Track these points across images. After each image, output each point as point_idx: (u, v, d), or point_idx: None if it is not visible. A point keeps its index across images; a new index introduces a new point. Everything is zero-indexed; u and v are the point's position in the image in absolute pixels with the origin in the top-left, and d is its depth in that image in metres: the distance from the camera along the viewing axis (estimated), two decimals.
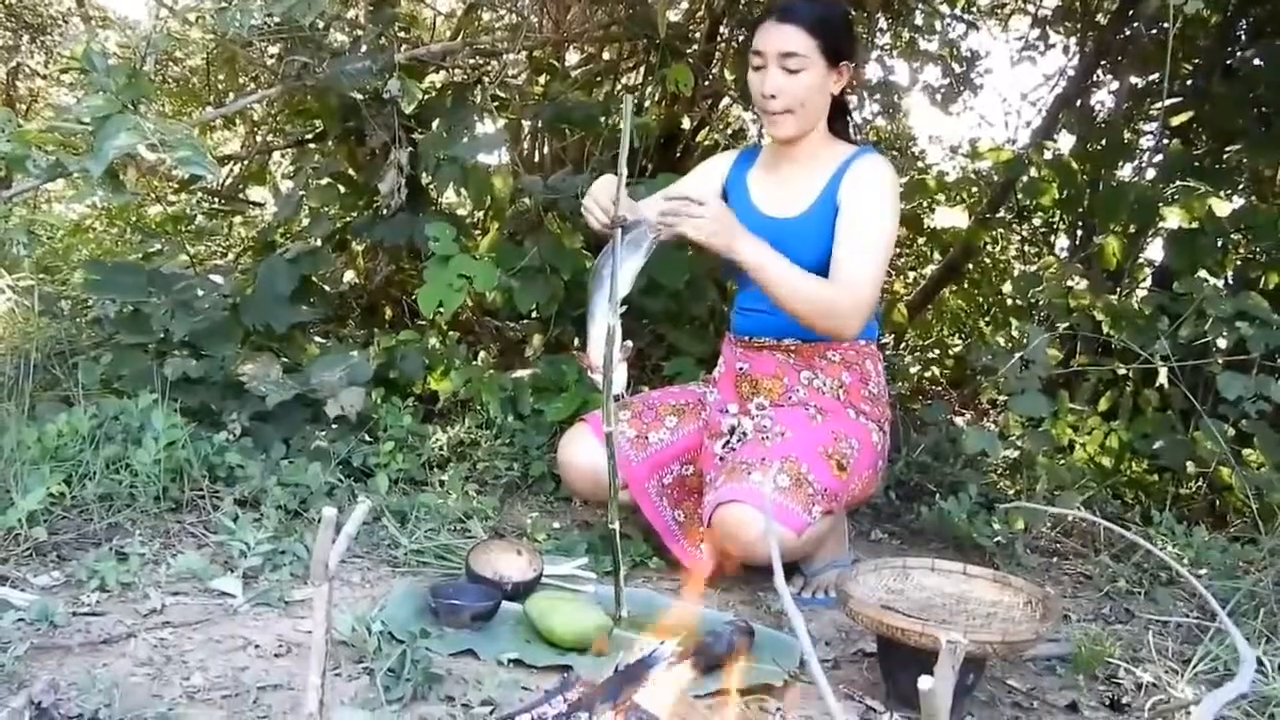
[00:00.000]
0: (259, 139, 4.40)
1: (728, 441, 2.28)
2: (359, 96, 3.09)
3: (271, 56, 3.58)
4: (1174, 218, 3.39)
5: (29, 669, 1.57)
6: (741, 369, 2.33)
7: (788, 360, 2.27)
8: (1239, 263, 3.57)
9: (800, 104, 2.14)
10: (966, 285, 5.03)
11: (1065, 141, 4.48)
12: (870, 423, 2.25)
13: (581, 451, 2.26)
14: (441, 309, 2.82)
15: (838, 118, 2.26)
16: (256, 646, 1.74)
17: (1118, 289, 3.87)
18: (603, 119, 3.52)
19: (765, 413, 2.25)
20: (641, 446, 2.29)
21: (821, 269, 2.11)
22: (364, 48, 3.02)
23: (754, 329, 2.31)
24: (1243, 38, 4.07)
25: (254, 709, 1.53)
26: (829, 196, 2.18)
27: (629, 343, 1.94)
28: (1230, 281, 3.45)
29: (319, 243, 3.50)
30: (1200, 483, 3.13)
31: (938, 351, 4.99)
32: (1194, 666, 1.94)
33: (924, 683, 1.08)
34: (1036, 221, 4.90)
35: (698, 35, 4.11)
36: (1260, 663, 1.86)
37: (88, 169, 2.08)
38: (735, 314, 2.39)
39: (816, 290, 2.05)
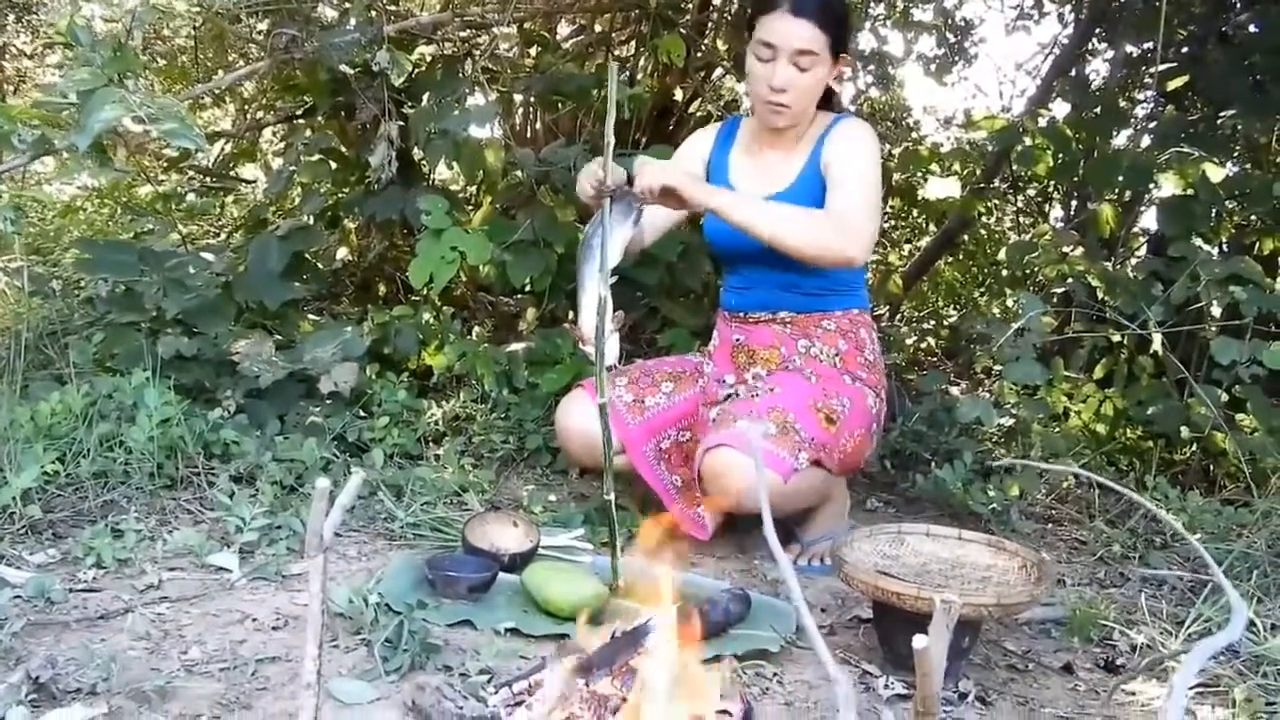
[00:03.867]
0: (249, 116, 4.38)
1: (725, 399, 2.30)
2: (348, 70, 3.07)
3: (259, 32, 3.56)
4: (1168, 184, 3.38)
5: (26, 645, 1.57)
6: (738, 340, 2.34)
7: (784, 331, 2.28)
8: (1233, 229, 3.57)
9: (804, 99, 2.16)
10: (961, 256, 5.03)
11: (1060, 110, 4.47)
12: (866, 388, 2.26)
13: (578, 416, 2.25)
14: (432, 282, 2.81)
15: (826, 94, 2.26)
16: (254, 620, 1.74)
17: (1112, 257, 3.86)
18: (595, 91, 3.50)
19: (761, 379, 2.27)
20: (638, 411, 2.29)
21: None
22: (352, 20, 3.00)
23: (747, 305, 2.32)
24: (1238, 4, 4.05)
25: (252, 681, 1.53)
26: (813, 166, 2.20)
27: (620, 313, 1.93)
28: (1224, 248, 3.45)
29: (311, 219, 3.48)
30: (1194, 448, 3.14)
31: (933, 322, 4.99)
32: (1188, 627, 1.95)
33: (918, 641, 1.08)
34: (1031, 191, 4.90)
35: (690, 6, 4.08)
36: (1253, 623, 1.88)
37: (75, 144, 2.07)
38: (726, 293, 2.40)
39: (804, 215, 2.07)
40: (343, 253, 3.96)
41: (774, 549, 1.27)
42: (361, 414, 2.69)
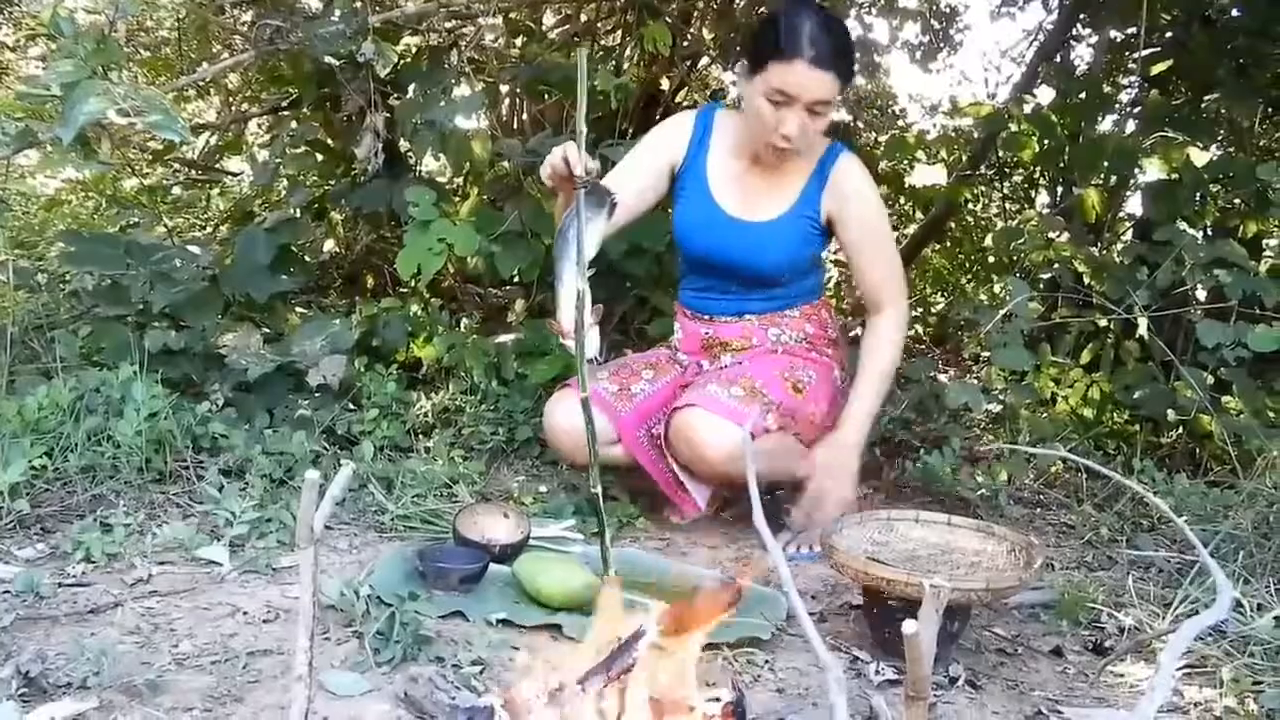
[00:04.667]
0: (234, 108, 4.35)
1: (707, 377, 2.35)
2: (333, 61, 3.05)
3: (244, 23, 3.54)
4: (1153, 169, 3.40)
5: (16, 640, 1.57)
6: (707, 334, 2.38)
7: (753, 324, 2.34)
8: (1217, 212, 3.59)
9: (813, 141, 2.18)
10: (949, 243, 5.04)
11: (1045, 96, 4.47)
12: (832, 362, 2.35)
13: (564, 415, 2.26)
14: (419, 273, 2.80)
15: None
16: (244, 613, 1.74)
17: (1098, 242, 3.88)
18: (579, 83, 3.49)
19: (736, 362, 2.34)
20: (626, 398, 2.30)
21: (789, 265, 2.25)
22: (337, 11, 2.98)
23: (712, 310, 2.37)
24: None
25: (243, 674, 1.53)
26: (808, 202, 2.22)
27: (599, 306, 1.92)
28: (1209, 232, 3.47)
29: (297, 211, 3.47)
30: (1180, 431, 3.16)
31: (921, 309, 5.00)
32: (1175, 609, 1.96)
33: (908, 626, 1.09)
34: (1017, 177, 4.90)
35: None
36: (1239, 603, 1.89)
37: (59, 137, 2.05)
38: (689, 293, 2.42)
39: (891, 360, 2.25)
40: (330, 245, 3.95)
41: (764, 536, 1.28)
42: (350, 406, 2.69)
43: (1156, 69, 3.93)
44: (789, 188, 2.24)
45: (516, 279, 3.41)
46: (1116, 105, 4.23)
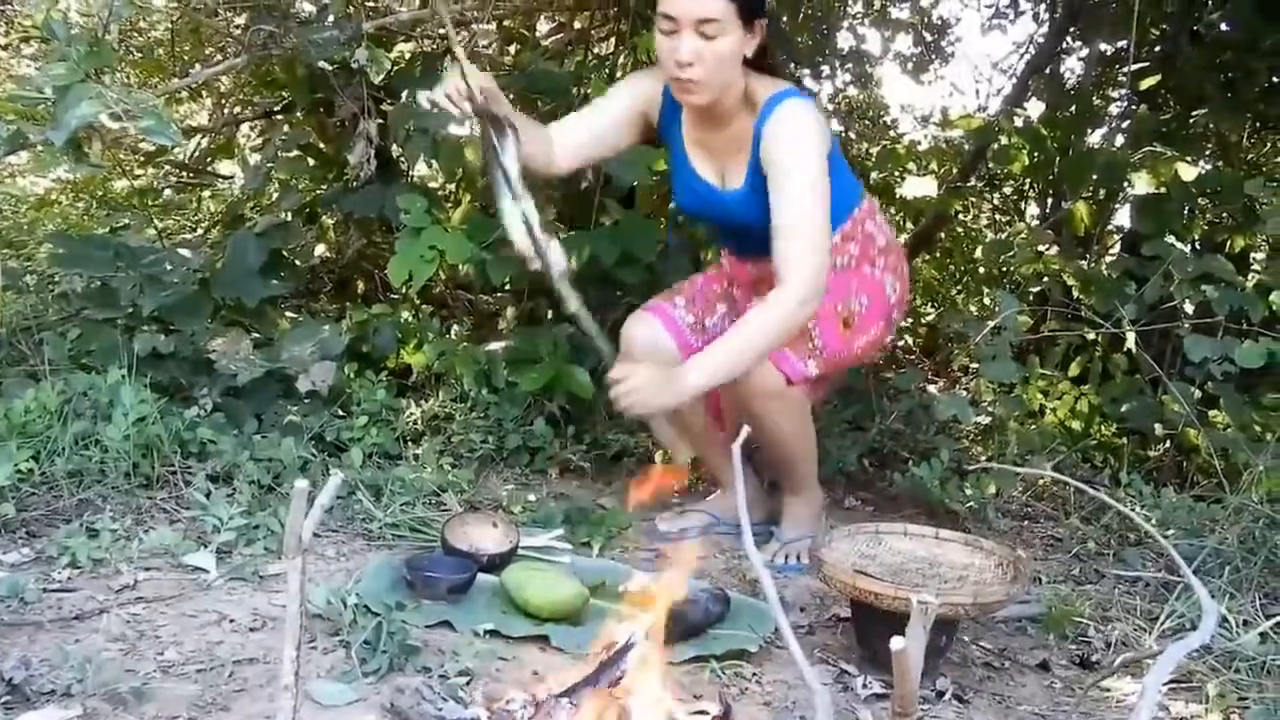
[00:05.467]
0: (226, 111, 4.34)
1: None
2: (327, 67, 3.05)
3: (237, 26, 3.53)
4: (1141, 182, 3.42)
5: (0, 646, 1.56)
6: (753, 273, 2.34)
7: None
8: (1205, 227, 3.61)
9: (716, 72, 2.02)
10: (939, 254, 5.05)
11: (1035, 109, 4.50)
12: (886, 274, 2.29)
13: (643, 337, 2.31)
14: (411, 280, 2.80)
15: (759, 56, 2.10)
16: (231, 621, 1.73)
17: (1087, 255, 3.90)
18: (574, 89, 3.49)
19: None
20: (700, 331, 2.34)
21: (754, 214, 2.13)
22: (331, 17, 2.98)
23: (748, 254, 2.32)
24: (1209, 3, 4.09)
25: (229, 683, 1.53)
26: (756, 162, 2.12)
27: (548, 218, 1.95)
28: (1197, 246, 3.49)
29: (288, 216, 3.46)
30: (1167, 444, 3.18)
31: (910, 320, 5.01)
32: (1161, 624, 1.97)
33: (896, 643, 1.09)
34: (1007, 190, 4.93)
35: None
36: (1225, 619, 1.90)
37: (50, 139, 2.05)
38: (720, 239, 2.47)
39: (770, 326, 2.03)
40: (321, 250, 3.93)
41: (750, 552, 1.28)
42: (340, 413, 2.68)
43: (1146, 83, 3.96)
44: (743, 151, 2.13)
45: (507, 286, 3.40)
46: (1106, 119, 4.26)
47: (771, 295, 2.04)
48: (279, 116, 3.81)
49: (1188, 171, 3.38)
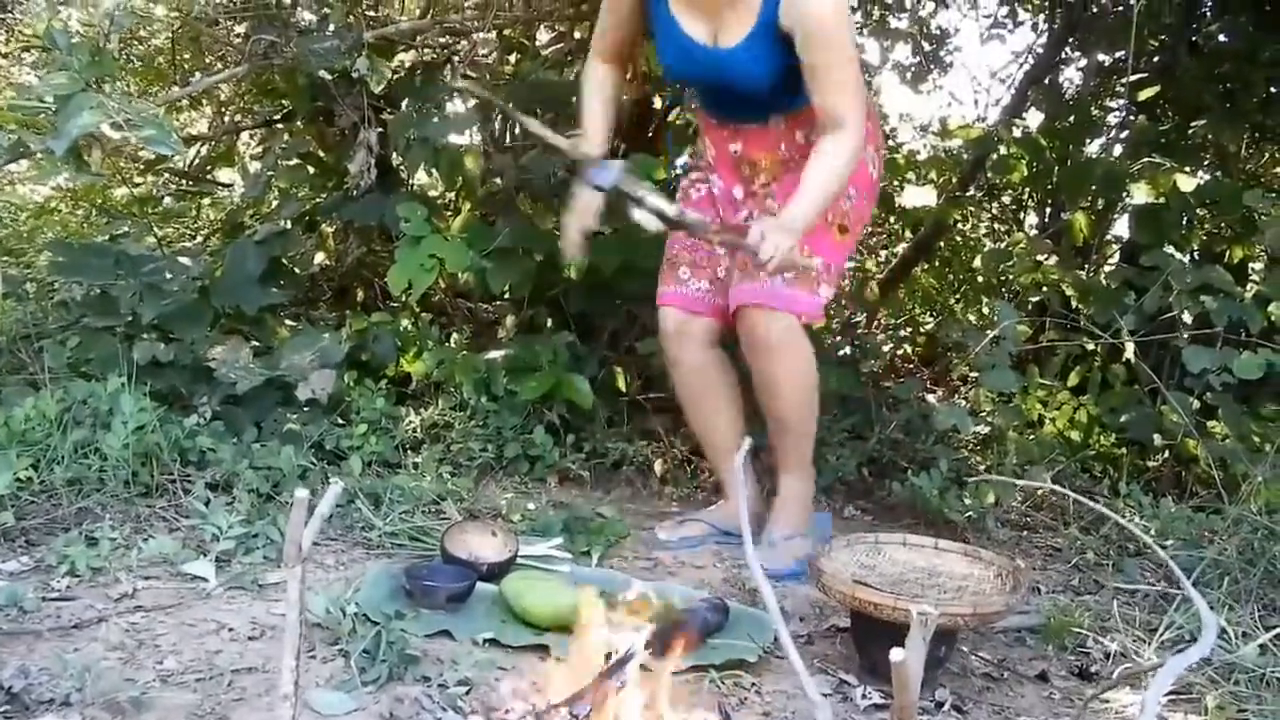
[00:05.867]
0: (226, 119, 4.35)
1: None
2: (327, 76, 3.06)
3: (238, 35, 3.54)
4: (1140, 193, 3.43)
5: None
6: (735, 151, 2.33)
7: (779, 129, 2.27)
8: (1204, 238, 3.62)
9: None
10: (938, 263, 5.06)
11: (1034, 119, 4.51)
12: (869, 149, 2.26)
13: (672, 329, 2.40)
14: (410, 289, 2.80)
15: None
16: (230, 630, 1.73)
17: (1086, 265, 3.91)
18: (573, 99, 3.50)
19: (771, 193, 2.29)
20: (718, 285, 2.36)
21: (768, 83, 2.14)
22: (332, 26, 2.99)
23: (732, 118, 2.31)
24: (1207, 14, 4.11)
25: (228, 692, 1.53)
26: (767, 18, 2.09)
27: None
28: (1195, 256, 3.50)
29: (288, 224, 3.46)
30: (1166, 455, 3.18)
31: (910, 329, 5.02)
32: (1160, 635, 1.97)
33: (895, 654, 1.09)
34: (1006, 199, 4.94)
35: None
36: (1224, 630, 1.90)
37: (51, 148, 2.05)
38: (702, 102, 2.39)
39: (839, 170, 2.11)
40: (320, 258, 3.94)
41: (751, 561, 1.28)
42: (339, 421, 2.68)
43: (1145, 94, 3.97)
44: (737, 10, 2.11)
45: (507, 294, 3.40)
46: (1105, 129, 4.28)
47: (828, 143, 2.10)
48: (279, 125, 3.82)
49: (1186, 182, 3.39)
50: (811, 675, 1.19)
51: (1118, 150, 4.02)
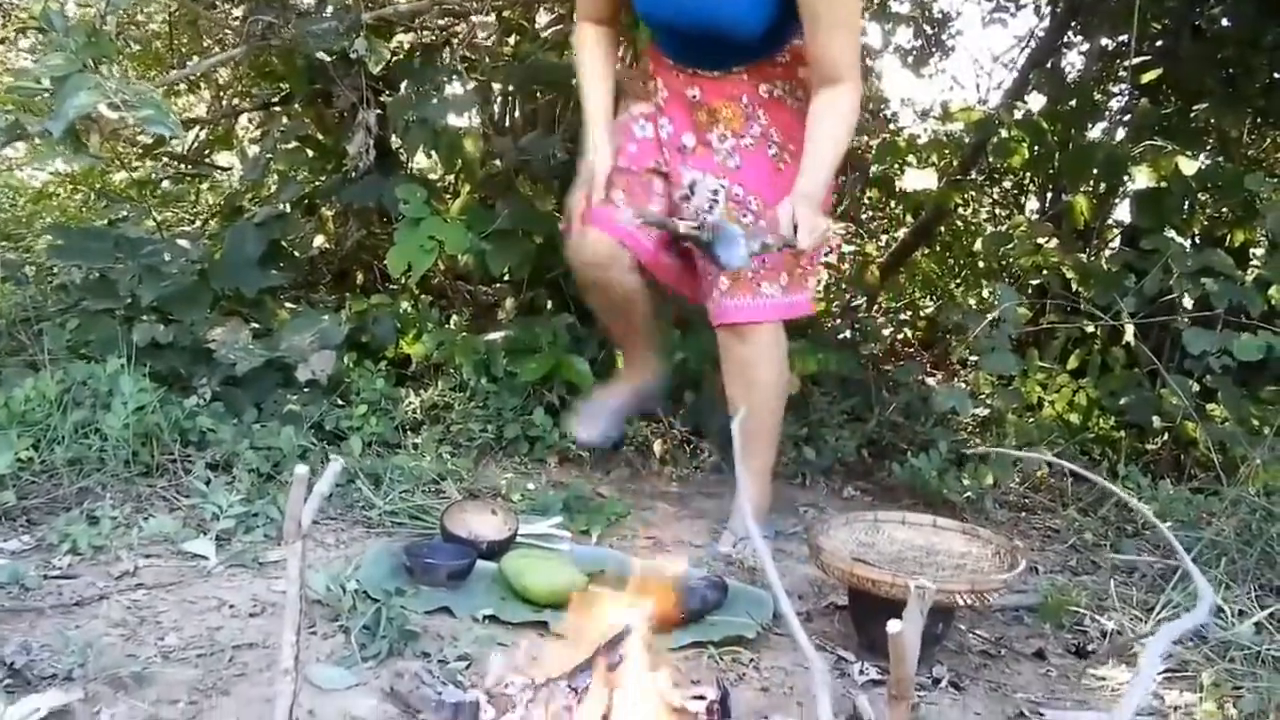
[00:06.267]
0: (224, 102, 4.34)
1: (687, 196, 2.20)
2: (325, 58, 3.05)
3: (236, 18, 3.53)
4: (1142, 176, 3.42)
5: (0, 631, 1.56)
6: (694, 98, 2.18)
7: (741, 79, 2.14)
8: (1205, 221, 3.61)
9: None
10: (938, 248, 5.06)
11: (1036, 102, 4.50)
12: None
13: (591, 251, 2.21)
14: (410, 271, 2.80)
15: None
16: (231, 607, 1.74)
17: (1087, 248, 3.91)
18: (574, 81, 3.49)
19: (727, 147, 2.16)
20: (646, 232, 2.22)
21: (761, 29, 2.03)
22: (330, 8, 2.98)
23: (694, 63, 2.16)
24: None
25: (229, 667, 1.53)
26: None
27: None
28: (1196, 240, 3.49)
29: (287, 207, 3.46)
30: (1165, 438, 3.19)
31: (910, 313, 5.01)
32: (1157, 613, 1.98)
33: (892, 626, 1.10)
34: (1007, 184, 4.93)
35: None
36: (1221, 609, 1.91)
37: (48, 130, 2.05)
38: (667, 44, 2.21)
39: (848, 126, 2.04)
40: (319, 240, 3.93)
41: (752, 530, 1.28)
42: (339, 402, 2.68)
43: (1147, 77, 3.96)
44: None
45: (507, 276, 3.40)
46: (1106, 113, 4.26)
47: (832, 98, 2.00)
48: (277, 108, 3.81)
49: (1188, 165, 3.38)
50: (810, 646, 1.19)
51: (1120, 134, 4.02)
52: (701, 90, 2.17)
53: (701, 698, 1.43)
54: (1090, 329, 3.36)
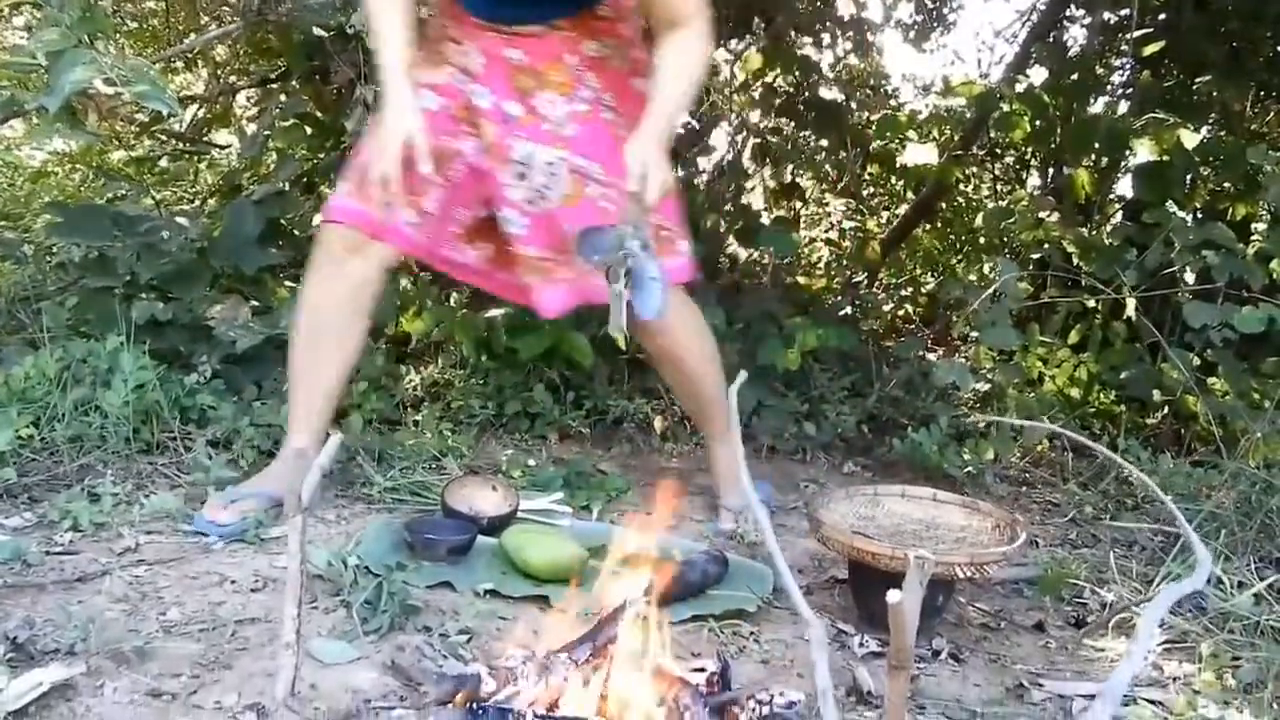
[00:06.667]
0: (222, 80, 4.32)
1: (523, 174, 1.96)
2: (322, 33, 3.03)
3: None
4: (1143, 150, 3.41)
5: (3, 606, 1.56)
6: (516, 61, 1.96)
7: (566, 35, 1.96)
8: (1207, 195, 3.60)
9: None
10: (939, 224, 5.04)
11: (1038, 76, 4.47)
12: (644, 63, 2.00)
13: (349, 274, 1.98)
14: None
15: None
16: (232, 582, 1.74)
17: (1088, 222, 3.89)
18: None
19: (559, 114, 1.95)
20: (431, 226, 2.00)
21: None
22: None
23: (512, 17, 1.94)
24: None
25: (231, 642, 1.54)
26: None
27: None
28: (1198, 213, 3.48)
29: (286, 185, 3.45)
30: (1166, 411, 3.19)
31: (910, 290, 5.00)
32: (1156, 585, 1.98)
33: (892, 596, 1.10)
34: (1009, 159, 4.91)
35: None
36: (1220, 580, 1.91)
37: (44, 106, 2.04)
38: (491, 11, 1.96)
39: (693, 73, 1.87)
40: (318, 219, 3.92)
41: (752, 500, 1.28)
42: None
43: (1148, 50, 3.93)
44: None
45: None
46: (1108, 86, 4.24)
47: (675, 43, 1.86)
48: (275, 85, 3.79)
49: (1190, 138, 3.36)
50: (809, 618, 1.20)
51: (1122, 107, 4.00)
52: (524, 52, 1.95)
53: (702, 670, 1.44)
54: (1091, 303, 3.35)
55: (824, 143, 4.42)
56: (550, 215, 1.97)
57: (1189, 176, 3.45)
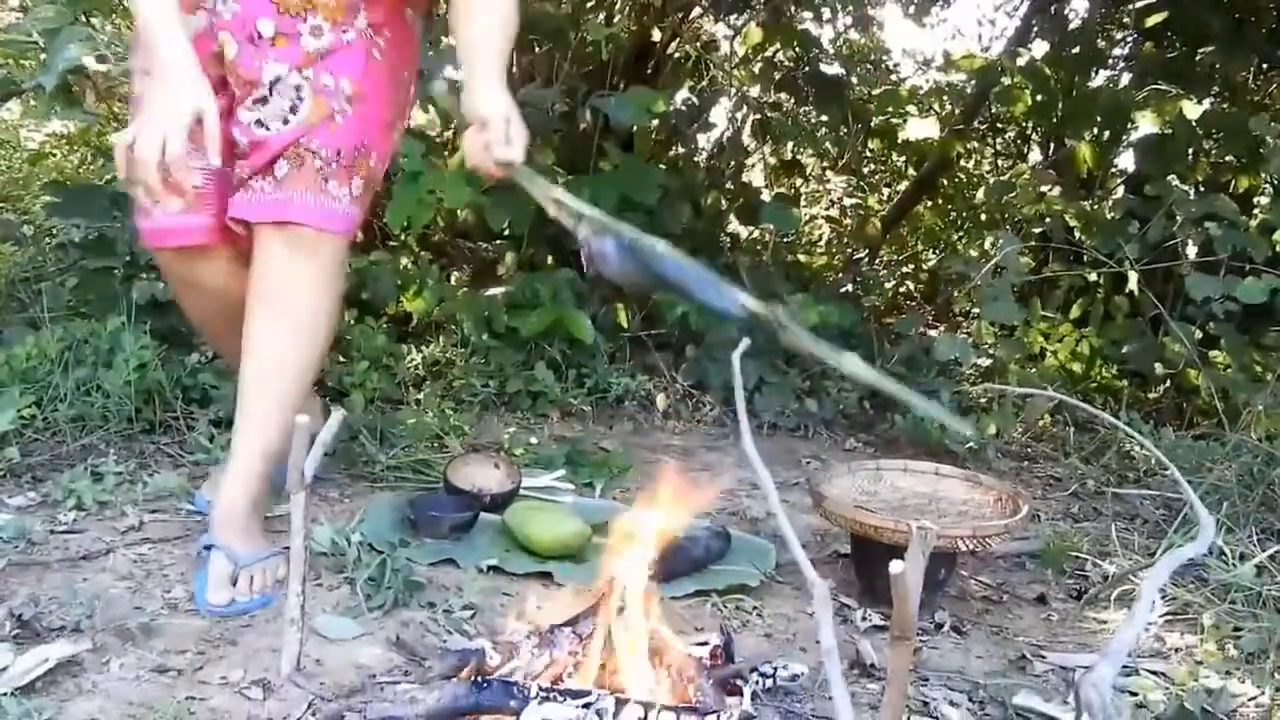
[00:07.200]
0: None
1: (264, 98, 1.66)
2: None
3: None
4: (1145, 122, 3.39)
5: (8, 584, 1.57)
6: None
7: None
8: (1209, 167, 3.59)
9: None
10: (940, 200, 5.03)
11: (1039, 49, 4.44)
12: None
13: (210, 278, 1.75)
14: (409, 225, 2.79)
15: None
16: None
17: (1090, 196, 3.88)
18: (571, 32, 3.45)
19: (324, 43, 1.67)
20: (206, 198, 1.70)
21: None
22: None
23: None
24: None
25: (236, 619, 1.54)
26: None
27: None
28: (1200, 186, 3.47)
29: None
30: (1168, 385, 3.19)
31: (912, 266, 5.00)
32: (1158, 557, 1.98)
33: (894, 566, 1.10)
34: (1010, 133, 4.89)
35: None
36: (1222, 551, 1.92)
37: (41, 85, 2.03)
38: None
39: (507, 22, 1.70)
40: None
41: (753, 458, 1.28)
42: (340, 359, 2.68)
43: (1151, 21, 3.91)
44: None
45: (507, 232, 3.39)
46: (1110, 59, 4.22)
47: None
48: None
49: (1192, 109, 3.35)
50: (813, 584, 1.20)
51: (1124, 80, 3.98)
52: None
53: (705, 643, 1.45)
54: (1093, 277, 3.35)
55: (824, 118, 4.40)
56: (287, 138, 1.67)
57: (1191, 149, 3.43)
